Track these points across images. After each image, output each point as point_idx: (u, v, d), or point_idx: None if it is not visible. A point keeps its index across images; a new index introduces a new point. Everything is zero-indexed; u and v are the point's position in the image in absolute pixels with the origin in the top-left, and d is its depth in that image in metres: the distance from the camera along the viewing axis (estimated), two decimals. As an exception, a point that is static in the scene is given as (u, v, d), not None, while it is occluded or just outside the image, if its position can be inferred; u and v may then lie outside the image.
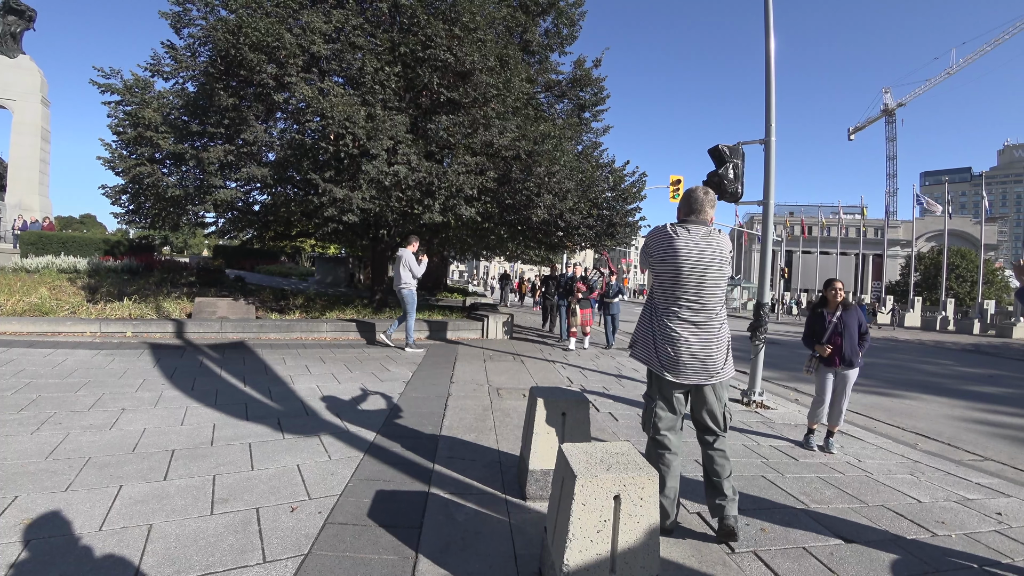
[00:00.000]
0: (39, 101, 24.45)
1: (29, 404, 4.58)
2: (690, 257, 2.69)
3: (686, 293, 2.69)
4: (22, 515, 2.70)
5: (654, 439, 2.82)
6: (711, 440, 2.86)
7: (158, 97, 9.37)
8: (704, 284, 2.69)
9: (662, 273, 2.76)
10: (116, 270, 13.20)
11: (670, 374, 2.71)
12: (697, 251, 2.69)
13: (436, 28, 8.22)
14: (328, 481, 3.32)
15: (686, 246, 2.71)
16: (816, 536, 2.98)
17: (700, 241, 2.72)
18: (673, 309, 2.72)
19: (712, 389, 2.76)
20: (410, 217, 9.60)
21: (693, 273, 2.68)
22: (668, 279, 2.73)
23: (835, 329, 4.67)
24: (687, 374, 2.70)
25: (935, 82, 72.18)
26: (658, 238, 2.82)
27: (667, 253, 2.73)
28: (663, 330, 2.74)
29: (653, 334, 2.79)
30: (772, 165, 6.54)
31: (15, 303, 8.94)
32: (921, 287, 44.46)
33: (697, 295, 2.69)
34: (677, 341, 2.68)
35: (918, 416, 6.91)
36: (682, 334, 2.68)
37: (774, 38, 6.62)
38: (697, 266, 2.68)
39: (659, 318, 2.77)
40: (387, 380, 6.36)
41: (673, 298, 2.72)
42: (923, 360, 14.29)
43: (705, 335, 2.70)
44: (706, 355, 2.68)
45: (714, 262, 2.70)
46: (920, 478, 4.12)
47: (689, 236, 2.73)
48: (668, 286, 2.74)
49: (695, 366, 2.68)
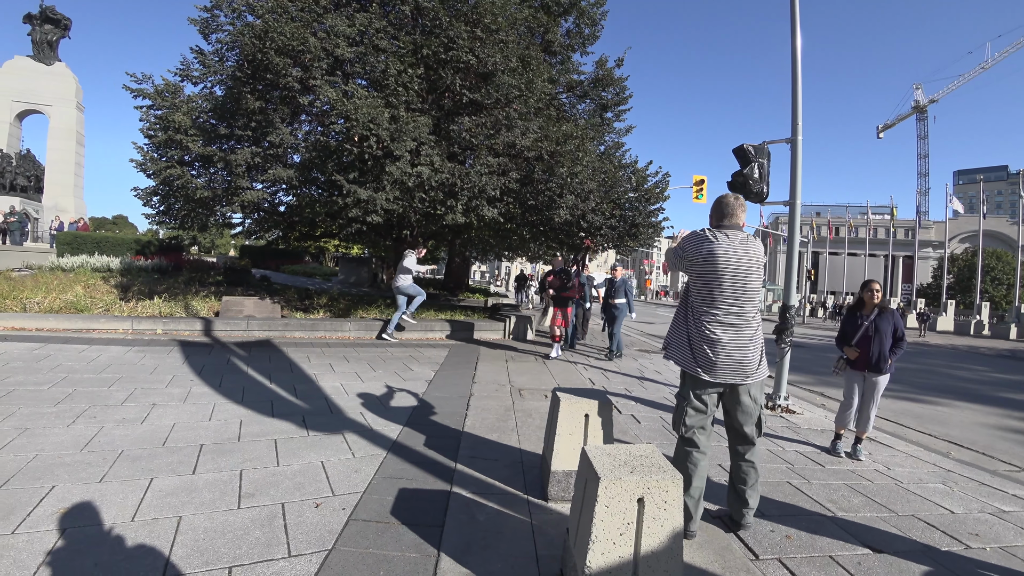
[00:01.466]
0: (74, 106, 25.28)
1: (65, 398, 4.74)
2: (730, 262, 2.73)
3: (726, 297, 2.74)
4: (59, 504, 2.79)
5: (684, 438, 2.86)
6: (743, 451, 2.91)
7: (187, 101, 9.60)
8: (744, 288, 2.75)
9: (702, 277, 2.80)
10: (147, 269, 13.57)
11: (706, 374, 2.75)
12: (737, 256, 2.75)
13: (458, 30, 8.27)
14: (352, 478, 3.36)
15: (726, 251, 2.75)
16: (843, 545, 2.91)
17: (739, 246, 2.77)
18: (713, 312, 2.76)
19: (747, 390, 2.81)
20: (433, 218, 9.68)
21: (733, 278, 2.73)
22: (708, 283, 2.77)
23: (865, 332, 4.56)
24: (723, 374, 2.74)
25: (969, 77, 69.86)
26: (697, 243, 2.84)
27: (708, 258, 2.76)
28: (701, 332, 2.77)
29: (689, 335, 2.85)
30: (799, 164, 6.42)
31: (52, 300, 9.26)
32: (954, 290, 43.20)
33: (737, 299, 2.75)
34: (716, 343, 2.73)
35: (951, 423, 6.71)
36: (721, 336, 2.73)
37: (800, 34, 6.51)
38: (737, 271, 2.74)
39: (697, 320, 2.81)
40: (410, 379, 6.42)
41: (713, 301, 2.76)
42: (956, 365, 13.86)
43: (743, 337, 2.76)
44: (743, 356, 2.74)
45: (753, 267, 2.78)
46: (953, 488, 3.99)
47: (728, 241, 2.78)
48: (708, 290, 2.77)
49: (732, 366, 2.74)
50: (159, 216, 10.85)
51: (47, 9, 25.31)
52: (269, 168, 8.98)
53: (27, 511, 2.70)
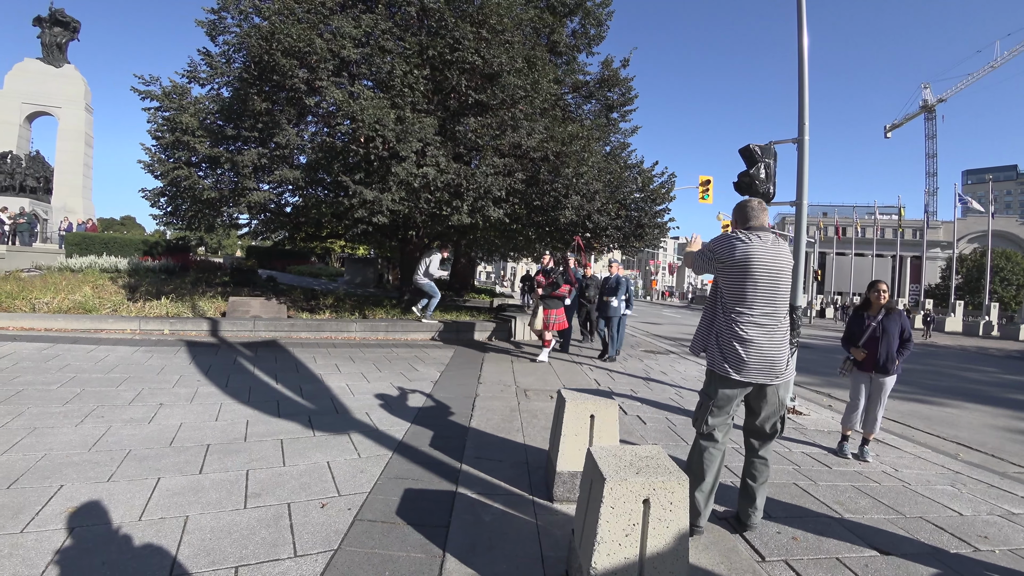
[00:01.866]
0: (83, 108, 25.48)
1: (73, 398, 4.78)
2: (764, 263, 2.75)
3: (760, 298, 2.76)
4: (67, 503, 2.82)
5: (704, 434, 2.87)
6: (759, 447, 2.95)
7: (195, 103, 9.65)
8: (777, 289, 2.79)
9: (735, 278, 2.80)
10: (154, 270, 13.65)
11: (737, 374, 2.76)
12: (770, 257, 2.77)
13: (464, 31, 8.27)
14: (357, 479, 3.37)
15: (760, 253, 2.76)
16: (850, 547, 2.90)
17: (772, 247, 2.79)
18: (747, 312, 2.77)
19: (776, 389, 2.83)
20: (439, 218, 9.68)
21: (767, 279, 2.75)
22: (741, 284, 2.78)
23: (873, 333, 4.53)
24: (753, 374, 2.75)
25: (977, 76, 69.29)
26: (729, 244, 2.83)
27: (742, 259, 2.76)
28: (733, 332, 2.78)
29: (719, 335, 2.86)
30: (805, 165, 6.39)
31: (61, 301, 9.33)
32: (963, 290, 42.81)
33: (770, 300, 2.77)
34: (748, 343, 2.74)
35: (959, 425, 6.65)
36: (754, 336, 2.74)
37: (807, 33, 6.47)
38: (771, 271, 2.76)
39: (729, 320, 2.81)
40: (415, 380, 6.43)
41: (747, 302, 2.77)
42: (965, 367, 13.76)
43: (775, 337, 2.78)
44: (775, 356, 2.77)
45: (785, 268, 2.82)
46: (961, 490, 3.96)
47: (761, 243, 2.79)
48: (741, 290, 2.78)
49: (763, 366, 2.75)
50: (166, 217, 10.90)
51: (56, 12, 25.53)
52: (275, 169, 9.01)
53: (36, 510, 2.73)
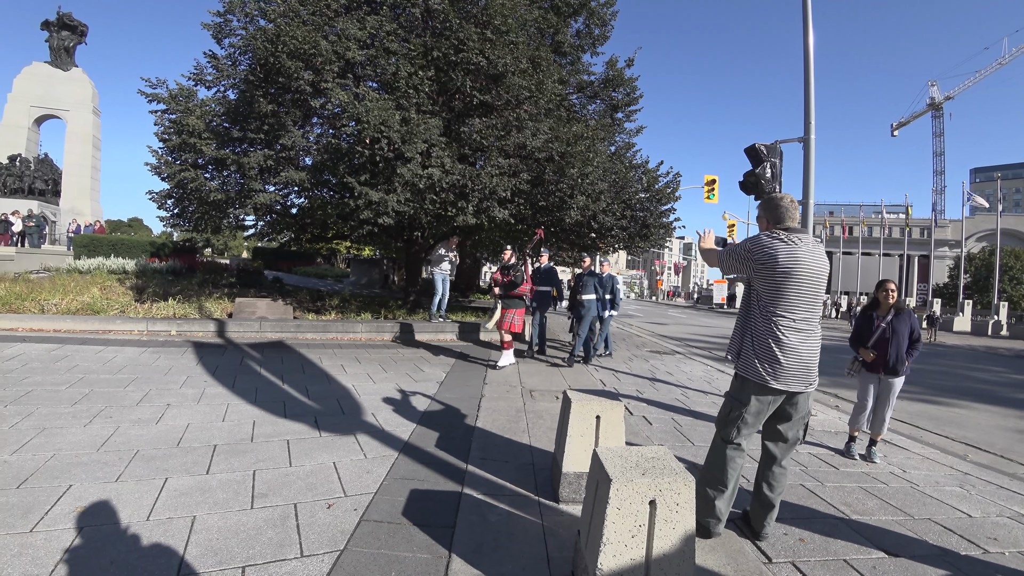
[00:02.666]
0: (91, 111, 25.66)
1: (82, 398, 4.81)
2: (810, 267, 2.64)
3: (802, 301, 2.66)
4: (76, 503, 2.84)
5: (732, 443, 2.78)
6: (779, 453, 2.85)
7: (201, 105, 9.71)
8: (816, 293, 2.69)
9: (778, 282, 2.66)
10: (161, 271, 13.75)
11: (775, 382, 2.65)
12: (812, 259, 2.66)
13: (468, 32, 8.28)
14: (363, 479, 3.38)
15: (806, 256, 2.64)
16: (858, 548, 2.88)
17: (814, 250, 2.69)
18: (788, 316, 2.66)
19: (807, 397, 2.75)
20: (444, 219, 9.71)
21: (810, 283, 2.65)
22: (784, 287, 2.65)
23: (882, 334, 4.48)
24: (791, 382, 2.65)
25: (985, 73, 68.64)
26: (771, 247, 2.68)
27: (788, 262, 2.63)
28: (773, 337, 2.67)
29: (756, 340, 2.74)
30: (811, 163, 6.37)
31: (69, 302, 9.41)
32: (971, 290, 42.40)
33: (811, 303, 2.68)
34: (789, 349, 2.64)
35: (968, 426, 6.60)
36: (794, 343, 2.64)
37: (812, 31, 6.45)
38: (816, 276, 2.66)
39: (770, 325, 2.69)
40: (421, 381, 6.44)
41: (789, 306, 2.66)
42: (973, 367, 13.64)
43: (813, 343, 2.71)
44: (812, 362, 2.69)
45: (824, 271, 2.72)
46: (970, 491, 3.92)
47: (806, 245, 2.68)
48: (783, 294, 2.66)
49: (800, 373, 2.66)
50: (173, 219, 10.98)
51: (64, 16, 25.75)
52: (281, 171, 9.06)
53: (45, 510, 2.75)
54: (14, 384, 5.18)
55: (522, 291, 7.61)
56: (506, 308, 7.51)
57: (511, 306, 7.50)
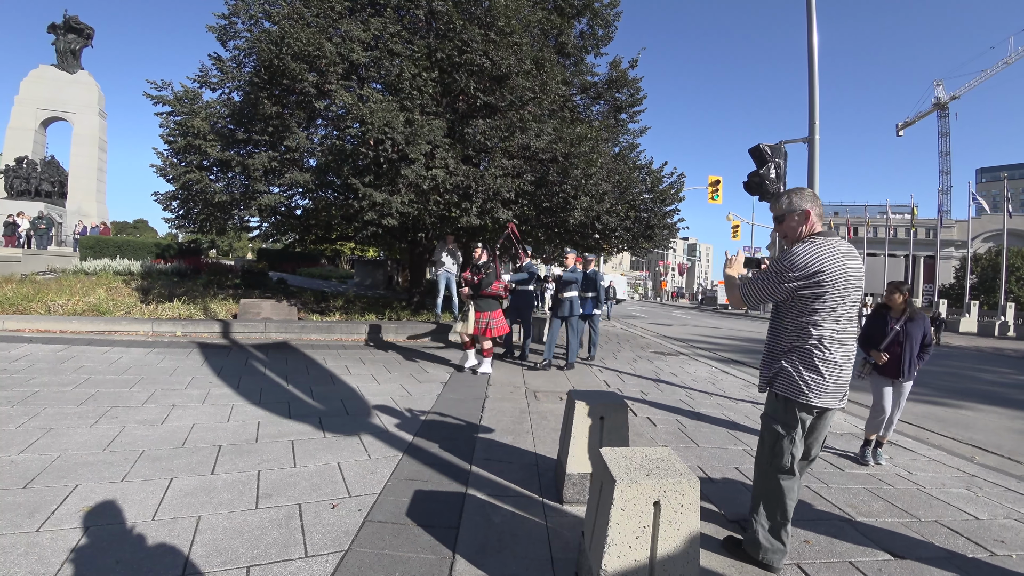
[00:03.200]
0: (96, 114, 25.79)
1: (88, 399, 4.84)
2: (854, 273, 2.44)
3: (847, 312, 2.48)
4: (82, 503, 2.86)
5: (788, 471, 2.55)
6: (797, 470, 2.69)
7: (206, 107, 9.76)
8: (858, 300, 2.52)
9: (831, 294, 2.43)
10: (166, 272, 13.82)
11: (820, 400, 2.47)
12: (856, 265, 2.46)
13: (472, 33, 8.30)
14: (368, 480, 3.38)
15: (850, 262, 2.43)
16: (864, 550, 2.86)
17: (850, 251, 2.49)
18: (835, 329, 2.47)
19: (836, 412, 2.63)
20: (448, 220, 9.73)
21: (855, 291, 2.46)
22: (836, 300, 2.43)
23: (896, 338, 4.41)
24: (830, 398, 2.49)
25: (992, 72, 68.46)
26: (831, 257, 2.42)
27: (844, 272, 2.41)
28: (820, 352, 2.46)
29: (801, 359, 2.51)
30: (816, 164, 6.35)
31: (75, 303, 9.47)
32: (977, 290, 42.18)
33: (853, 313, 2.51)
34: (833, 365, 2.46)
35: (975, 427, 6.55)
36: (839, 358, 2.47)
37: (817, 31, 6.43)
38: (859, 281, 2.48)
39: (816, 341, 2.47)
40: (425, 382, 6.45)
41: (837, 319, 2.46)
42: (980, 368, 13.55)
43: (851, 355, 2.54)
44: (849, 377, 2.54)
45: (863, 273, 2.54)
46: (977, 493, 3.90)
47: (842, 248, 2.46)
48: (834, 307, 2.44)
49: (839, 389, 2.50)
50: (178, 220, 11.03)
51: (70, 19, 25.89)
52: (286, 172, 9.09)
53: (51, 509, 2.77)
54: (21, 384, 5.22)
55: (495, 290, 7.08)
56: (480, 311, 6.96)
57: (485, 308, 6.96)
